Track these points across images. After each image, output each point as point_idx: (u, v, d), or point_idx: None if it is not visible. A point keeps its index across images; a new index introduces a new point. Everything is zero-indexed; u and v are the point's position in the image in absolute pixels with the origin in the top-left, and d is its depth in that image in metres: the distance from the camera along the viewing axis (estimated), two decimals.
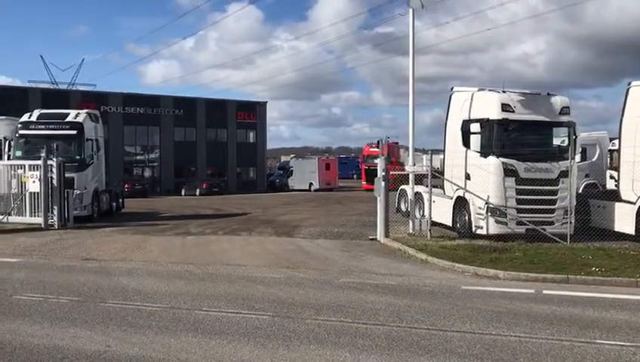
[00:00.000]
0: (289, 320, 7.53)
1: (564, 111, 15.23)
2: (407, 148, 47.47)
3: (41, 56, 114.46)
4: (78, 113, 22.81)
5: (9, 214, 19.98)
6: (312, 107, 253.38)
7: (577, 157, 16.32)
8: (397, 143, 49.33)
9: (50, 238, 16.92)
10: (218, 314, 7.90)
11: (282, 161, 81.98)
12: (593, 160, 24.27)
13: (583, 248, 13.15)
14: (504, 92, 15.33)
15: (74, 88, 59.67)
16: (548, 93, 15.80)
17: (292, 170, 55.93)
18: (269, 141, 69.81)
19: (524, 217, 14.62)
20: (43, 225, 19.25)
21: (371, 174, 47.06)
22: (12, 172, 20.45)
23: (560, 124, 15.32)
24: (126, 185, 39.12)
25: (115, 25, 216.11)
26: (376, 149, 46.59)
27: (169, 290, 9.53)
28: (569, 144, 15.03)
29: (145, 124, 54.57)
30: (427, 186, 15.90)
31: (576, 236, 14.17)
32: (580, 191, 18.31)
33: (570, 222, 14.42)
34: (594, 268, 10.89)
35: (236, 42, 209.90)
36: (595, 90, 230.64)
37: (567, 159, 14.76)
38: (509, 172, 14.71)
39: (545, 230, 14.28)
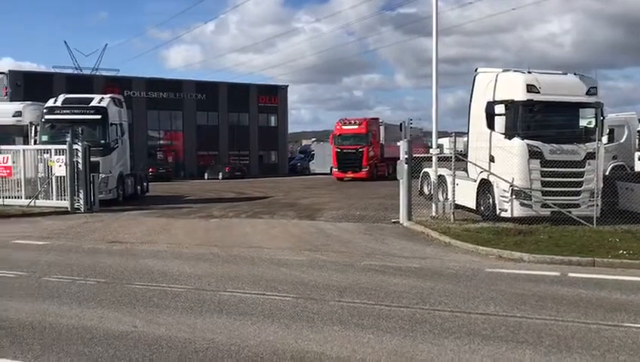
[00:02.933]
0: (312, 302, 7.56)
1: (591, 91, 14.91)
2: (390, 126, 41.38)
3: (65, 42, 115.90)
4: (102, 98, 23.03)
5: (36, 198, 20.35)
6: (333, 90, 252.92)
7: (604, 139, 16.00)
8: (377, 119, 42.17)
9: (76, 221, 17.19)
10: (242, 295, 7.97)
11: (303, 144, 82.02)
12: (621, 141, 23.75)
13: (609, 231, 12.94)
14: (529, 72, 15.07)
15: (97, 73, 60.22)
16: (574, 74, 15.48)
17: (313, 154, 55.98)
18: (290, 125, 70.04)
19: (549, 200, 14.42)
20: (69, 209, 19.57)
21: (345, 159, 38.71)
22: (39, 156, 20.78)
23: (587, 105, 15.01)
24: (150, 169, 39.54)
25: (135, 10, 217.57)
26: (352, 127, 39.59)
27: (194, 272, 9.64)
28: (596, 125, 14.74)
29: (168, 109, 55.02)
30: (449, 169, 15.77)
31: (602, 219, 13.95)
32: (607, 173, 18.00)
33: (597, 205, 14.18)
34: (621, 251, 10.70)
35: (257, 25, 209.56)
36: (624, 71, 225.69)
37: (594, 141, 14.46)
38: (534, 154, 14.49)
39: (570, 212, 14.08)
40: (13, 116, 23.72)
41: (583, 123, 15.39)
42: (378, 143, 40.18)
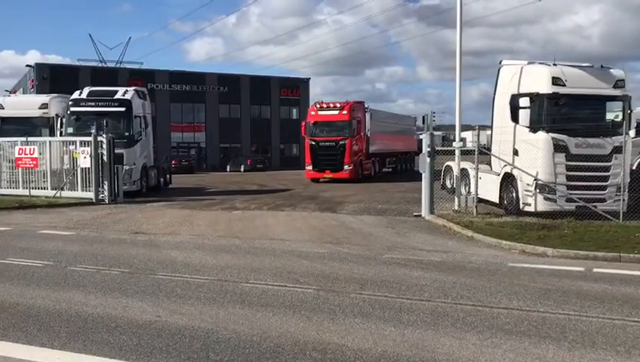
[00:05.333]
0: (334, 294, 7.57)
1: (619, 84, 14.64)
2: (377, 112, 34.29)
3: (90, 35, 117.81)
4: (126, 90, 23.26)
5: (62, 189, 20.68)
6: (356, 83, 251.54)
7: (632, 133, 15.72)
8: (362, 103, 33.27)
9: (101, 212, 17.43)
10: (264, 286, 8.02)
11: None
12: None
13: (636, 226, 12.71)
14: (555, 65, 14.85)
15: (122, 66, 60.83)
16: (602, 66, 15.22)
17: None
18: None
19: (574, 194, 14.22)
20: (94, 200, 19.85)
21: (322, 155, 30.53)
22: (64, 148, 21.13)
23: (614, 98, 14.75)
24: (173, 161, 39.89)
25: (158, 2, 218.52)
26: (330, 112, 30.93)
27: (216, 263, 9.72)
28: (623, 119, 14.49)
29: (191, 101, 55.43)
30: (472, 163, 15.65)
31: (629, 214, 13.72)
32: (635, 167, 17.67)
33: (624, 200, 13.94)
34: None
35: (279, 18, 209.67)
36: None
37: (621, 134, 14.24)
38: (559, 148, 14.30)
39: (596, 207, 13.88)
40: (40, 108, 24.06)
41: (609, 116, 15.13)
42: (364, 135, 32.33)
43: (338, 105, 31.44)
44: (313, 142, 31.04)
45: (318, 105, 31.82)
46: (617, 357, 5.35)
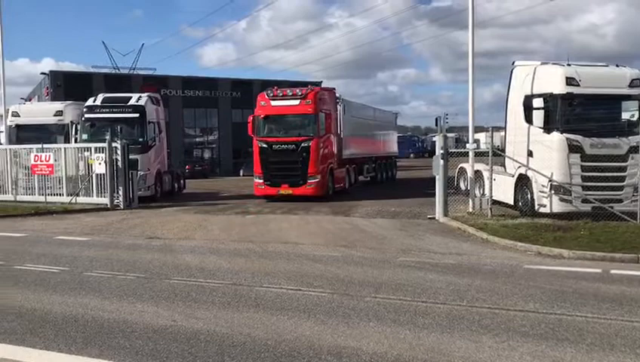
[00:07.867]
0: (348, 298, 7.56)
1: (634, 83, 14.50)
2: (351, 105, 27.12)
3: (103, 42, 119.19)
4: (140, 96, 23.43)
5: (77, 195, 20.86)
6: (368, 86, 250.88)
7: None
8: (333, 91, 25.02)
9: (116, 218, 17.55)
10: (278, 290, 8.02)
11: None
12: None
13: None
14: (569, 65, 14.74)
15: (135, 72, 61.25)
16: (617, 65, 15.10)
17: None
18: None
19: (590, 195, 14.08)
20: (109, 205, 20.00)
21: (278, 163, 22.17)
22: (79, 154, 21.30)
23: (629, 97, 14.60)
24: (187, 166, 40.07)
25: (169, 8, 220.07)
26: (289, 103, 22.45)
27: (230, 267, 9.74)
28: (639, 118, 14.35)
29: (204, 107, 55.66)
30: (485, 164, 15.56)
31: None
32: None
33: None
34: None
35: (290, 22, 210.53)
36: None
37: (638, 134, 14.09)
38: (573, 148, 14.18)
39: (612, 208, 13.72)
40: (55, 115, 24.35)
41: (625, 116, 15.00)
42: (335, 134, 24.06)
43: (299, 92, 22.69)
44: (264, 145, 22.55)
45: (270, 93, 22.94)
46: (637, 359, 5.29)
